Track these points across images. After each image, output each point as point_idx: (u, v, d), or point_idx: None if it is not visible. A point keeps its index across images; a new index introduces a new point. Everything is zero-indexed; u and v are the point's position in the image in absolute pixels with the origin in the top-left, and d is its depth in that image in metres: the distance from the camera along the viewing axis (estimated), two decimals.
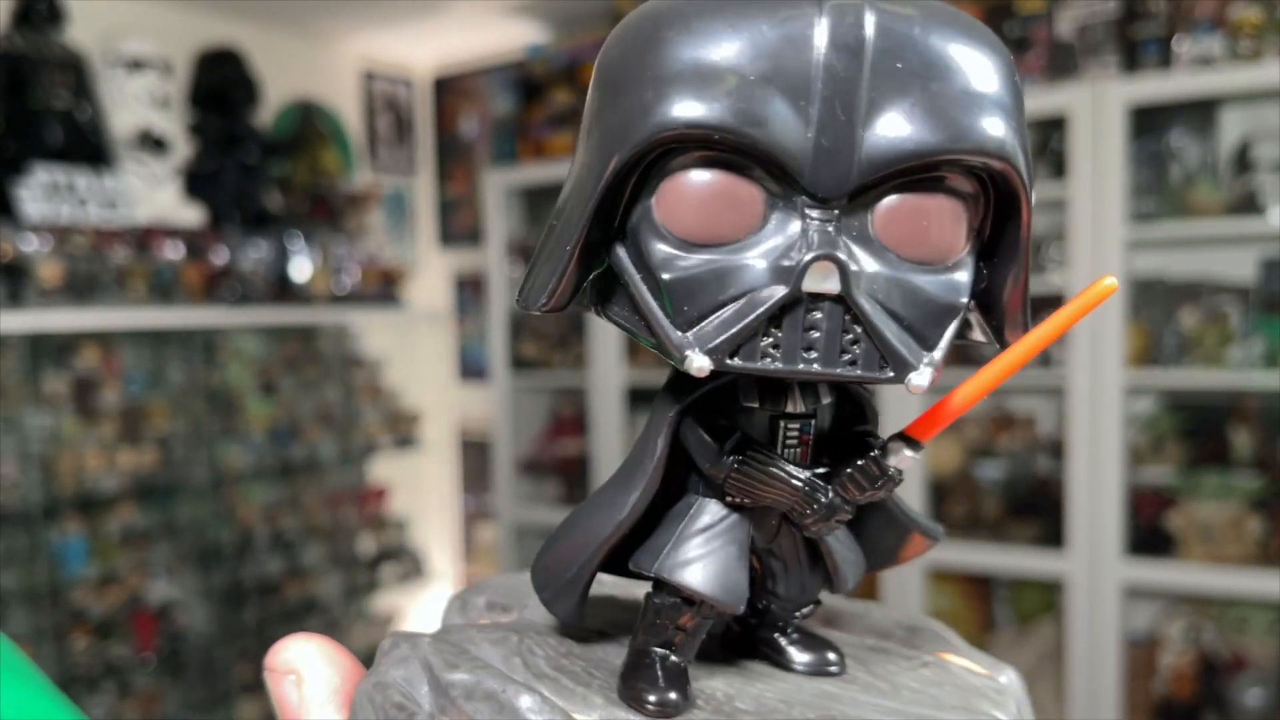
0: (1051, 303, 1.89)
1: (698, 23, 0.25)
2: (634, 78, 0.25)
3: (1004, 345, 0.29)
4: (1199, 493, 1.81)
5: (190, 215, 2.27)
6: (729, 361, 0.26)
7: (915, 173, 0.25)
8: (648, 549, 0.30)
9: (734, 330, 0.25)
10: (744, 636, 0.33)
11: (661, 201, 0.26)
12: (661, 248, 0.26)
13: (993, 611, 2.11)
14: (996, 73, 0.26)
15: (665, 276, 0.26)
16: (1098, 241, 1.78)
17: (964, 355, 2.01)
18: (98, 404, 2.06)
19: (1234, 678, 1.81)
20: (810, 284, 0.25)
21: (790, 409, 0.29)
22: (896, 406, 1.76)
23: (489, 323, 2.64)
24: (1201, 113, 1.87)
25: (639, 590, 0.32)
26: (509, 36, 2.82)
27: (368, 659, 0.32)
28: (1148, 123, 1.85)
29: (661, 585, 0.30)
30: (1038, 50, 1.99)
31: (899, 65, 0.24)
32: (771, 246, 0.25)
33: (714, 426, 0.29)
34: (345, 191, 2.76)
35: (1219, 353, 1.79)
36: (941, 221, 0.26)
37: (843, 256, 0.25)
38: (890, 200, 0.26)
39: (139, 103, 2.18)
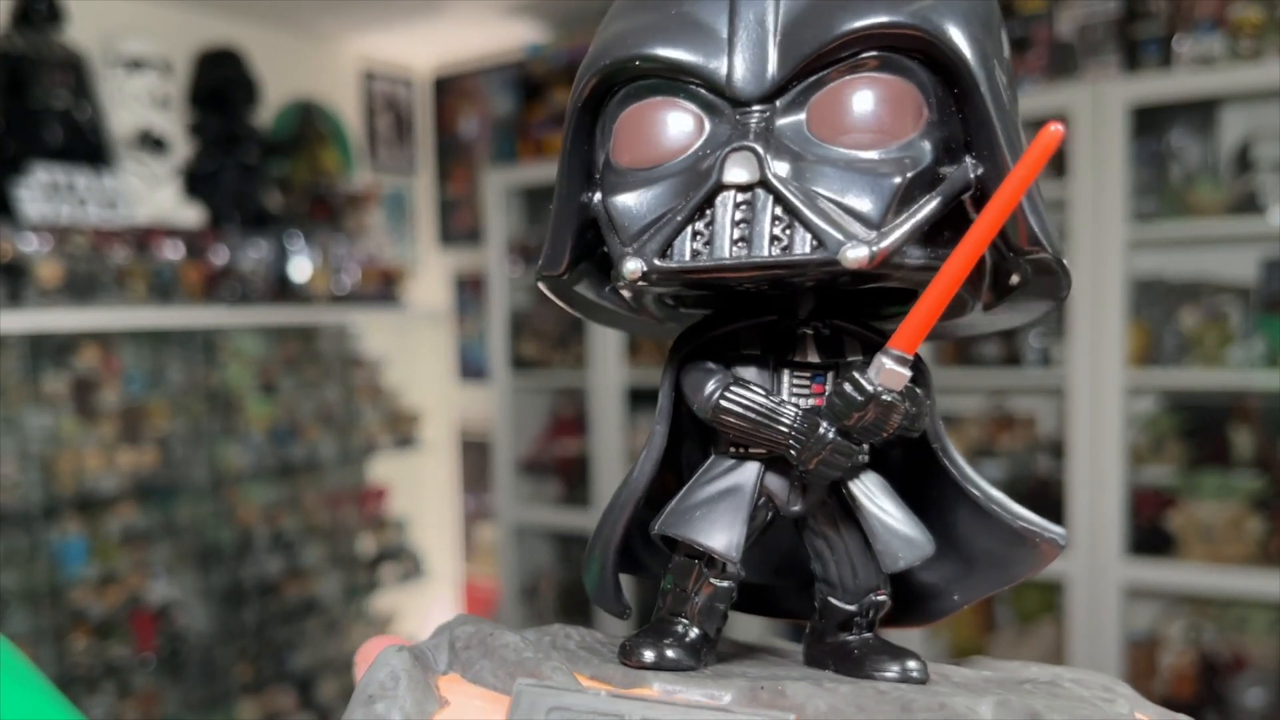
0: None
1: None
2: (592, 45, 0.29)
3: (1008, 245, 0.27)
4: (1199, 493, 1.81)
5: (190, 215, 2.27)
6: (658, 262, 0.27)
7: (839, 61, 0.26)
8: (661, 512, 0.30)
9: (665, 230, 0.27)
10: (816, 645, 0.31)
11: (614, 142, 0.28)
12: (612, 179, 0.28)
13: (993, 611, 2.10)
14: None
15: (611, 199, 0.28)
16: (1098, 241, 1.78)
17: (965, 356, 2.01)
18: (98, 404, 2.06)
19: (1234, 678, 1.80)
20: (729, 174, 0.26)
21: (798, 359, 0.29)
22: None
23: (489, 323, 2.64)
24: (1202, 112, 1.87)
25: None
26: (509, 36, 2.82)
27: None
28: (1148, 122, 1.84)
29: (674, 547, 0.29)
30: (1038, 50, 1.99)
31: None
32: (703, 153, 0.27)
33: (710, 372, 0.29)
34: (345, 191, 2.75)
35: (1219, 353, 1.79)
36: (874, 105, 0.26)
37: (758, 146, 0.26)
38: (820, 93, 0.26)
39: (139, 103, 2.18)
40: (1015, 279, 0.29)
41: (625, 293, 0.30)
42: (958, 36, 0.25)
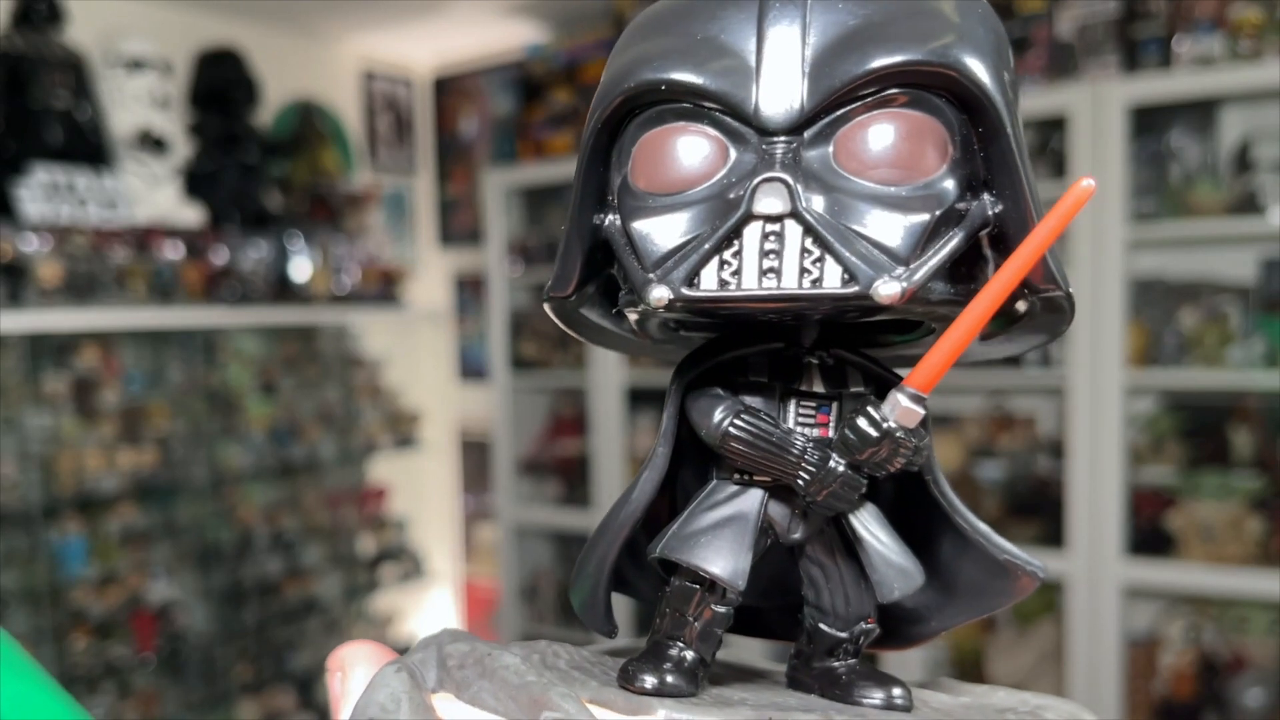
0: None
1: (664, 12, 0.28)
2: (610, 65, 0.29)
3: (1023, 283, 0.27)
4: (1199, 493, 1.81)
5: (190, 215, 2.27)
6: (686, 290, 0.26)
7: (867, 96, 0.26)
8: (660, 534, 0.29)
9: (692, 259, 0.26)
10: (801, 669, 0.31)
11: (633, 165, 0.28)
12: (631, 203, 0.28)
13: None
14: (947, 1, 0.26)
15: (632, 224, 0.27)
16: (1098, 241, 1.78)
17: (964, 356, 2.01)
18: (98, 404, 2.06)
19: (1234, 678, 1.80)
20: (760, 205, 0.26)
21: (805, 388, 0.29)
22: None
23: (489, 323, 2.64)
24: (1201, 113, 1.87)
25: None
26: (509, 36, 2.82)
27: None
28: (1148, 122, 1.84)
29: (673, 570, 0.29)
30: (1038, 50, 1.99)
31: (840, 4, 0.26)
32: (728, 181, 0.27)
33: (718, 399, 0.29)
34: (345, 191, 2.75)
35: (1219, 353, 1.79)
36: (903, 141, 0.26)
37: (789, 177, 0.26)
38: (847, 126, 0.26)
39: (139, 103, 2.18)
40: (1022, 306, 0.29)
41: (630, 316, 0.30)
42: (986, 77, 0.25)
